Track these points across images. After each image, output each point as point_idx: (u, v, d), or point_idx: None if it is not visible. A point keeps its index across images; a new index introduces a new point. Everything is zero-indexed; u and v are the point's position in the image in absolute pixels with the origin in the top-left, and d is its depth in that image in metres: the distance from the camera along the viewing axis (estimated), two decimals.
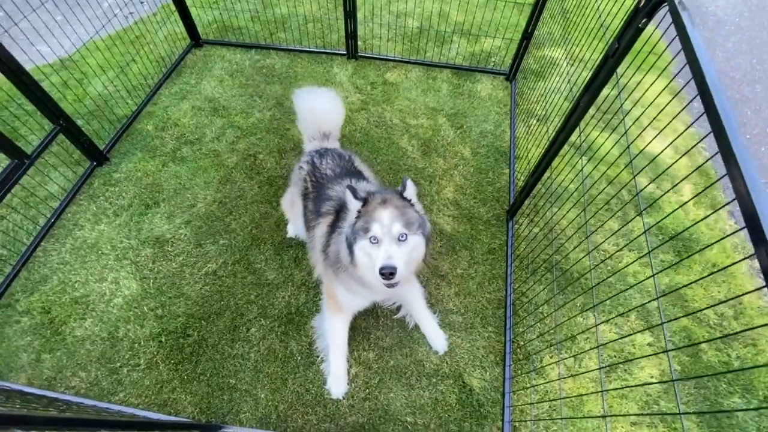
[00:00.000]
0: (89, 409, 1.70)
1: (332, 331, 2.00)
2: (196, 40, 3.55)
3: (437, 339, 2.14)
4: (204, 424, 1.88)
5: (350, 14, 3.13)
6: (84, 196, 2.62)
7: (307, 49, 3.55)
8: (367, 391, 2.02)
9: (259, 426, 1.92)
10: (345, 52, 3.50)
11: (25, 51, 2.54)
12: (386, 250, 1.43)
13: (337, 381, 1.98)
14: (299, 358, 2.10)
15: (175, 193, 2.65)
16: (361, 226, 1.51)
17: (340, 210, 1.76)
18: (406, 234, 1.48)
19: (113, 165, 2.77)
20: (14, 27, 2.48)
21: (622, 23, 1.48)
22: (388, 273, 1.39)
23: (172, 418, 1.88)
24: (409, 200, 1.57)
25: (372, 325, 2.21)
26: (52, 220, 2.47)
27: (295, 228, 2.44)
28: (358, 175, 2.04)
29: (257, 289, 2.30)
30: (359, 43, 3.48)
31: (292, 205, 2.26)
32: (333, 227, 1.78)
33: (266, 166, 2.81)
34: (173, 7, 3.30)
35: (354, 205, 1.55)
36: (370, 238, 1.48)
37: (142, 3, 3.95)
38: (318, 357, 2.09)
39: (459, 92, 3.33)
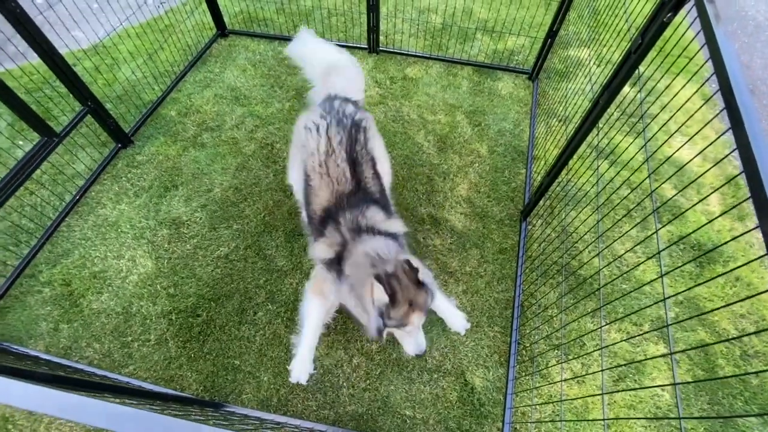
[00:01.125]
0: (99, 377, 1.77)
1: (309, 313, 1.91)
2: (222, 30, 3.63)
3: (457, 320, 2.01)
4: (207, 401, 1.92)
5: (373, 8, 3.13)
6: (108, 176, 2.72)
7: (330, 42, 3.57)
8: (368, 381, 2.03)
9: (260, 408, 1.95)
10: (366, 46, 3.51)
11: (60, 36, 2.66)
12: (418, 342, 1.66)
13: (300, 365, 1.85)
14: None
15: (193, 178, 2.72)
16: (394, 323, 1.56)
17: (342, 253, 1.71)
18: None
19: (137, 148, 2.87)
20: (52, 12, 2.60)
21: (646, 18, 1.43)
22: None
23: (177, 393, 1.93)
24: (427, 289, 1.57)
25: None
26: (77, 197, 2.57)
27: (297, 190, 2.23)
28: (372, 161, 1.94)
29: (266, 274, 2.34)
30: (381, 37, 3.48)
31: (294, 163, 2.14)
32: (335, 263, 1.74)
33: (282, 156, 2.85)
34: None
35: (382, 297, 1.48)
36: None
37: None
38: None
39: (479, 90, 3.29)
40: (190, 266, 2.36)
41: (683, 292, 1.65)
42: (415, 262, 1.54)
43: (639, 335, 2.13)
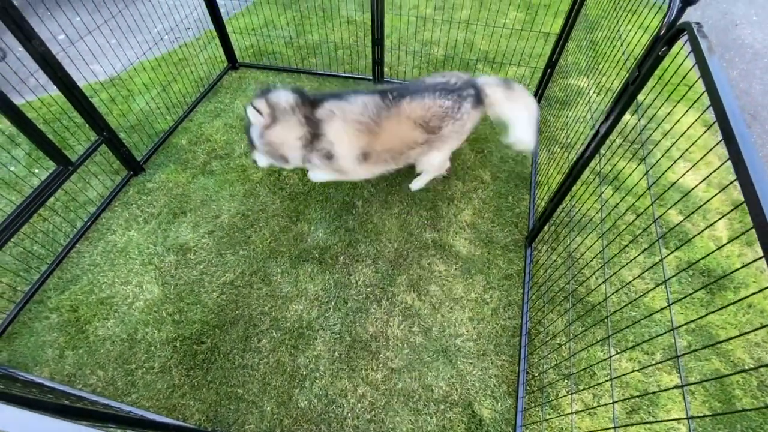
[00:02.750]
0: (101, 406, 1.75)
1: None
2: (233, 63, 3.78)
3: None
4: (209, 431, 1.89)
5: (377, 42, 3.26)
6: (118, 203, 2.78)
7: (336, 74, 3.71)
8: (373, 412, 1.98)
9: None
10: (371, 78, 3.62)
11: (80, 70, 2.79)
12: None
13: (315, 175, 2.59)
14: (305, 373, 2.09)
15: (201, 204, 2.77)
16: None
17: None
18: None
19: (148, 175, 2.94)
20: (73, 48, 2.74)
21: (642, 51, 1.48)
22: None
23: (180, 423, 1.90)
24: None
25: (382, 345, 2.19)
26: (88, 224, 2.63)
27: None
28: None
29: (271, 300, 2.34)
30: (385, 69, 3.60)
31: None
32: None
33: (289, 182, 2.90)
34: (215, 33, 3.55)
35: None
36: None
37: (188, 29, 4.26)
38: (320, 371, 2.08)
39: (481, 118, 3.36)
40: (196, 292, 2.36)
41: (695, 320, 1.63)
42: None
43: (651, 365, 2.07)
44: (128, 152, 2.79)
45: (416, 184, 2.82)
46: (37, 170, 2.95)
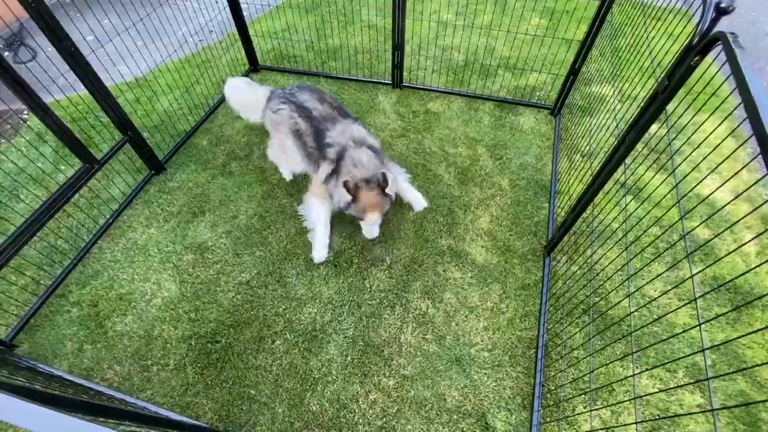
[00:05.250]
0: (117, 401, 1.77)
1: (318, 214, 2.51)
2: (254, 66, 3.83)
3: (418, 200, 2.68)
4: (222, 431, 1.90)
5: (398, 47, 3.26)
6: (140, 201, 2.84)
7: (355, 77, 3.72)
8: (384, 419, 1.97)
9: None
10: (390, 82, 3.63)
11: (107, 70, 2.86)
12: (371, 230, 2.42)
13: (320, 249, 2.48)
14: (318, 376, 2.09)
15: (220, 204, 2.80)
16: (355, 212, 2.34)
17: (340, 159, 2.39)
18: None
19: (169, 174, 3.00)
20: (102, 50, 2.82)
21: (673, 60, 1.44)
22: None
23: (194, 422, 1.92)
24: (390, 198, 2.31)
25: (395, 352, 2.17)
26: (111, 221, 2.68)
27: (291, 169, 2.89)
28: (341, 110, 2.65)
29: (286, 302, 2.34)
30: (405, 73, 3.60)
31: (283, 149, 2.74)
32: (334, 173, 2.43)
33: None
34: (237, 36, 3.61)
35: (346, 197, 2.25)
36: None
37: (211, 32, 4.35)
38: (334, 376, 2.07)
39: (501, 124, 3.33)
40: (212, 291, 2.39)
41: (725, 343, 1.57)
42: (390, 177, 2.24)
43: (677, 387, 2.00)
44: (151, 152, 2.85)
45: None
46: (63, 167, 3.03)
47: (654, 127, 1.69)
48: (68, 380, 2.00)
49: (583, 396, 2.00)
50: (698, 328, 1.05)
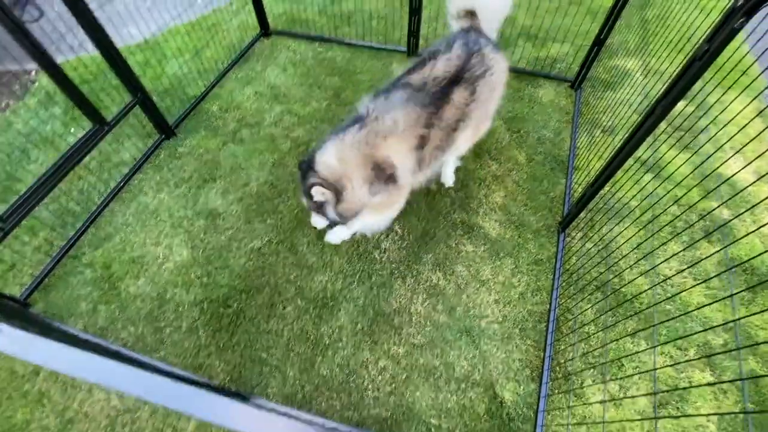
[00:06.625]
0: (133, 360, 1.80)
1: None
2: (265, 30, 3.72)
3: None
4: (237, 392, 1.93)
5: (415, 11, 3.13)
6: (150, 166, 2.81)
7: (369, 44, 3.60)
8: (393, 385, 1.99)
9: (285, 403, 1.95)
10: (405, 50, 3.50)
11: (116, 30, 2.78)
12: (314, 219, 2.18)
13: (336, 235, 2.38)
14: (328, 342, 2.11)
15: (231, 171, 2.77)
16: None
17: None
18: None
19: (179, 140, 2.96)
20: (109, 8, 2.73)
21: (714, 23, 1.35)
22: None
23: (208, 381, 1.95)
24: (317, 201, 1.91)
25: (405, 321, 2.17)
26: (121, 184, 2.67)
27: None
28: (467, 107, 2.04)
29: (297, 270, 2.34)
30: (420, 41, 3.47)
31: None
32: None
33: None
34: None
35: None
36: None
37: None
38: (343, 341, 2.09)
39: (519, 96, 3.22)
40: (224, 257, 2.39)
41: (739, 319, 1.54)
42: (321, 159, 1.84)
43: (685, 360, 2.00)
44: (161, 116, 2.80)
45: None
46: (73, 129, 3.00)
47: (680, 105, 1.61)
48: (83, 338, 2.04)
49: (592, 369, 2.01)
50: (728, 306, 1.02)
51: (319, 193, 1.84)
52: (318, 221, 2.17)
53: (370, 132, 1.83)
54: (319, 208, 1.95)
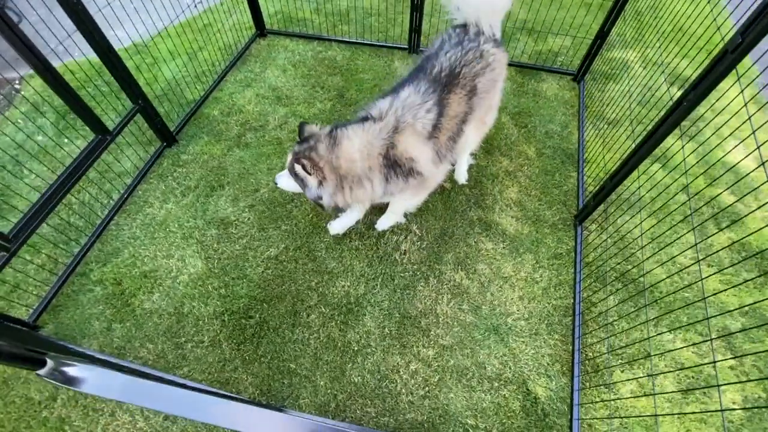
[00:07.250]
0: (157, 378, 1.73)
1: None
2: (260, 30, 3.61)
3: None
4: (270, 405, 1.88)
5: (417, 7, 3.09)
6: (154, 175, 2.71)
7: (369, 42, 3.55)
8: (427, 388, 1.98)
9: (318, 413, 1.91)
10: (407, 47, 3.46)
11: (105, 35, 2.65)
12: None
13: (340, 223, 2.37)
14: (357, 348, 2.07)
15: (239, 177, 2.69)
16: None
17: None
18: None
19: (181, 147, 2.85)
20: (98, 13, 2.59)
21: (747, 15, 1.37)
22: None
23: (239, 396, 1.90)
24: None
25: (432, 322, 2.16)
26: (125, 196, 2.56)
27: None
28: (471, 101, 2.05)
29: (317, 276, 2.30)
30: (422, 38, 3.43)
31: None
32: None
33: None
34: None
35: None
36: None
37: None
38: (371, 347, 2.06)
39: (523, 91, 3.23)
40: (241, 267, 2.32)
41: (752, 304, 1.58)
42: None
43: (701, 341, 2.04)
44: (162, 122, 2.70)
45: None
46: (65, 140, 2.86)
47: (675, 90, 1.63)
48: (100, 359, 1.95)
49: (621, 363, 2.03)
50: (743, 291, 1.03)
51: (301, 171, 1.86)
52: (285, 182, 2.10)
53: (382, 130, 1.85)
54: (296, 177, 1.95)
